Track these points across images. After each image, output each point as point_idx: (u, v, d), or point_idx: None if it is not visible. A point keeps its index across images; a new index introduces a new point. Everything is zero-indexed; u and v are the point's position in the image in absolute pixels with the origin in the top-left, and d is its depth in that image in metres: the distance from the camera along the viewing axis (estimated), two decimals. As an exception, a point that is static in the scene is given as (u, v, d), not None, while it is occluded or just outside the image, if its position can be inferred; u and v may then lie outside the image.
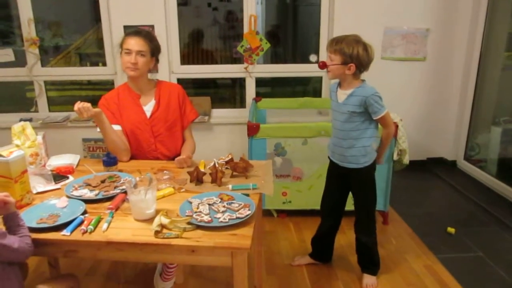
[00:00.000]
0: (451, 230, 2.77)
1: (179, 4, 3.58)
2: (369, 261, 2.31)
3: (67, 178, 1.88)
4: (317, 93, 3.92)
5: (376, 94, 1.96)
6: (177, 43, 3.63)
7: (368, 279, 2.29)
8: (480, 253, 2.54)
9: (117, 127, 2.15)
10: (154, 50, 2.16)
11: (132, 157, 2.19)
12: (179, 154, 2.16)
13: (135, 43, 2.07)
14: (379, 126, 2.10)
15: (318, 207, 2.84)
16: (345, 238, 2.48)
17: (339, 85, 2.08)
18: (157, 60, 2.21)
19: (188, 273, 2.35)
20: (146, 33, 2.15)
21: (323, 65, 2.01)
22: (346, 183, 2.20)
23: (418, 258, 2.51)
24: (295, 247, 2.62)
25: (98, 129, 2.09)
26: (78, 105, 1.90)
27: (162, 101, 2.21)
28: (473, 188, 3.45)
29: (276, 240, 2.72)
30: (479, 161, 3.76)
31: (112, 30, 3.48)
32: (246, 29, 3.59)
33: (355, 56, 1.91)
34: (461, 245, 2.64)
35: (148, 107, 2.20)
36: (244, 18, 3.58)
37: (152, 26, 3.44)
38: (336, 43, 1.95)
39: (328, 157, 2.24)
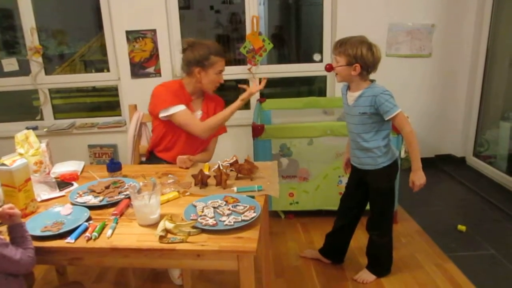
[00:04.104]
0: (461, 227, 2.72)
1: (181, 8, 3.57)
2: (375, 260, 2.28)
3: (72, 185, 1.87)
4: (322, 92, 3.89)
5: (386, 93, 1.92)
6: (180, 47, 3.61)
7: (365, 274, 2.26)
8: (492, 250, 2.49)
9: (183, 107, 2.21)
10: None
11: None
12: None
13: (224, 64, 2.27)
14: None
15: (325, 207, 2.83)
16: (356, 240, 2.44)
17: (348, 87, 2.06)
18: None
19: (196, 277, 2.34)
20: None
21: (329, 68, 2.02)
22: (365, 186, 2.16)
23: (428, 256, 2.47)
24: (303, 248, 2.59)
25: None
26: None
27: (209, 112, 2.33)
28: (483, 185, 3.40)
29: (284, 241, 2.70)
30: (489, 157, 3.71)
31: (114, 36, 3.49)
32: (248, 30, 3.57)
33: (359, 56, 1.89)
34: (473, 242, 2.60)
35: (196, 115, 2.31)
36: (246, 19, 3.56)
37: (154, 31, 3.44)
38: (341, 45, 1.94)
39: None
